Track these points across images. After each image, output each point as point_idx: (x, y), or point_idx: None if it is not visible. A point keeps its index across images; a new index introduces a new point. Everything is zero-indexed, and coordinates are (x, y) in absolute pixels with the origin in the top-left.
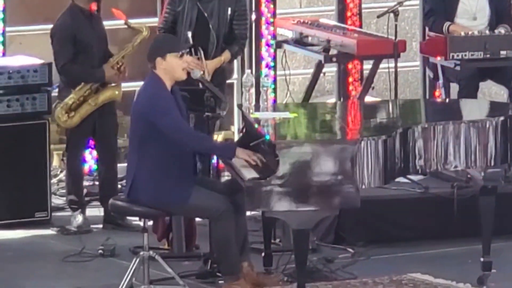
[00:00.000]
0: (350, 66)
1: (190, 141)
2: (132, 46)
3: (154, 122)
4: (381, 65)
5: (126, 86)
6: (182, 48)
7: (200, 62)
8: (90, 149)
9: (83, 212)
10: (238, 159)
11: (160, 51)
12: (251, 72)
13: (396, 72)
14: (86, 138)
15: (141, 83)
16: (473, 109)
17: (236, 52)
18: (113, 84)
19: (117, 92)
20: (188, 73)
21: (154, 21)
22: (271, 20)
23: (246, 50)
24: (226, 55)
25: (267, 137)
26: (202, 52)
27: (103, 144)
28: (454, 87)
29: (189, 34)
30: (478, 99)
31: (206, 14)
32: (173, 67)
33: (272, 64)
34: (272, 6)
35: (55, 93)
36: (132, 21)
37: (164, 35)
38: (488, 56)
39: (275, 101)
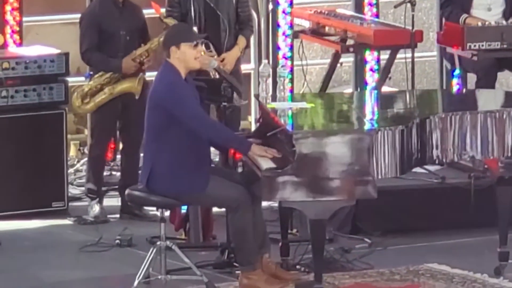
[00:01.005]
0: (367, 56)
1: (207, 130)
2: (158, 41)
3: (171, 111)
4: (398, 56)
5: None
6: (196, 38)
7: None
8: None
9: (100, 202)
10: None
11: (175, 40)
12: (268, 62)
13: (413, 62)
14: (111, 128)
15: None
16: (490, 100)
17: (249, 36)
18: (135, 76)
19: (136, 85)
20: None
21: None
22: (288, 10)
23: (263, 40)
24: (242, 41)
25: (290, 124)
26: (211, 45)
27: (127, 134)
28: (472, 77)
29: (215, 62)
30: (495, 89)
31: (212, 4)
32: (186, 57)
33: (289, 54)
34: None
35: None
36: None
37: (179, 24)
38: (505, 46)
39: (292, 91)
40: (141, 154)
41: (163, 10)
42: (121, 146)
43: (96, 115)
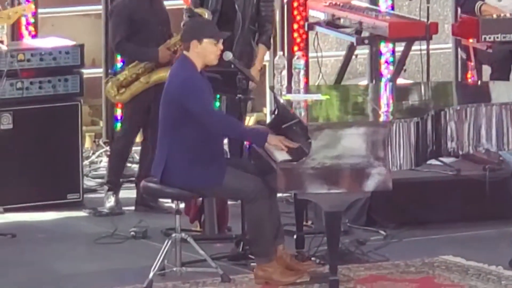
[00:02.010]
0: (382, 48)
1: (221, 126)
2: None
3: (186, 106)
4: (413, 47)
5: None
6: (220, 36)
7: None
8: None
9: (116, 194)
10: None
11: (198, 34)
12: (283, 54)
13: (428, 54)
14: (141, 121)
15: None
16: (505, 92)
17: (269, 42)
18: (168, 66)
19: None
20: (220, 55)
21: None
22: (303, 2)
23: (278, 32)
24: (262, 52)
25: (305, 116)
26: (237, 61)
27: (154, 127)
28: (486, 69)
29: (230, 55)
30: (510, 82)
31: None
32: (206, 53)
33: (304, 46)
34: None
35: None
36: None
37: (203, 19)
38: None
39: (307, 83)
40: None
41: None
42: (142, 138)
43: (130, 105)
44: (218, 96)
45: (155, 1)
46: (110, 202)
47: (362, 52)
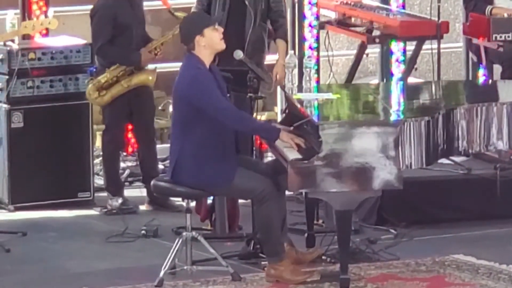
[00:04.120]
0: (393, 47)
1: (234, 121)
2: (173, 34)
3: (197, 103)
4: (424, 46)
5: (167, 66)
6: (214, 20)
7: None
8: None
9: (120, 195)
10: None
11: (197, 29)
12: (294, 53)
13: (439, 54)
14: (123, 121)
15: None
16: None
17: (286, 36)
18: (148, 68)
19: (150, 78)
20: (231, 54)
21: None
22: (314, 1)
23: (289, 31)
24: (282, 47)
25: (316, 115)
26: (248, 60)
27: (140, 126)
28: (497, 69)
29: (241, 53)
30: None
31: None
32: (212, 40)
33: (315, 45)
34: None
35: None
36: (171, 2)
37: (192, 14)
38: None
39: (318, 82)
40: (164, 145)
41: (170, 3)
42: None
43: (110, 108)
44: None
45: (134, 3)
46: (116, 204)
47: (373, 51)
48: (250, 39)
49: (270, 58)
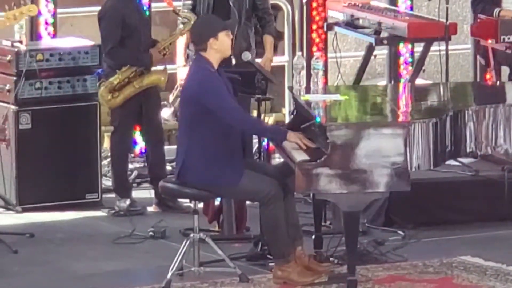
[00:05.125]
0: (401, 48)
1: (242, 122)
2: (180, 34)
3: (205, 104)
4: (432, 48)
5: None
6: (227, 25)
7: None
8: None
9: (129, 197)
10: (289, 142)
11: (212, 32)
12: (302, 55)
13: (447, 55)
14: (132, 122)
15: None
16: None
17: (274, 32)
18: (159, 69)
19: (162, 78)
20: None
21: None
22: (322, 2)
23: (297, 32)
24: (269, 42)
25: (318, 119)
26: (256, 62)
27: (149, 127)
28: (505, 70)
29: (249, 55)
30: None
31: None
32: (224, 45)
33: (323, 46)
34: None
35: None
36: (175, 3)
37: (207, 16)
38: None
39: (326, 83)
40: (171, 147)
41: (175, 4)
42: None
43: (120, 110)
44: None
45: (137, 3)
46: (124, 205)
47: (381, 52)
48: (237, 40)
49: (276, 60)
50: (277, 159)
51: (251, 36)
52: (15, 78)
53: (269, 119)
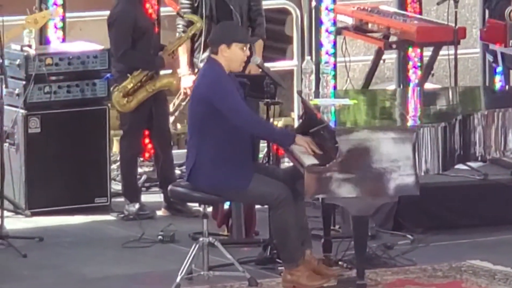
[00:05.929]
0: (410, 53)
1: (250, 125)
2: (187, 36)
3: (215, 106)
4: (441, 52)
5: None
6: (249, 40)
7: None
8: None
9: (138, 201)
10: (298, 146)
11: (227, 38)
12: (311, 59)
13: (456, 59)
14: (142, 126)
15: None
16: None
17: (264, 33)
18: (170, 72)
19: (174, 82)
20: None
21: None
22: (331, 7)
23: (306, 36)
24: (259, 43)
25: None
26: (265, 66)
27: (158, 131)
28: None
29: (258, 59)
30: None
31: None
32: (234, 57)
33: (332, 51)
34: None
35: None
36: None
37: (233, 23)
38: None
39: (335, 87)
40: (180, 151)
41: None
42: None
43: (131, 114)
44: None
45: (143, 6)
46: (133, 209)
47: (390, 56)
48: None
49: (285, 64)
50: (286, 163)
51: None
52: (24, 82)
53: (278, 123)
